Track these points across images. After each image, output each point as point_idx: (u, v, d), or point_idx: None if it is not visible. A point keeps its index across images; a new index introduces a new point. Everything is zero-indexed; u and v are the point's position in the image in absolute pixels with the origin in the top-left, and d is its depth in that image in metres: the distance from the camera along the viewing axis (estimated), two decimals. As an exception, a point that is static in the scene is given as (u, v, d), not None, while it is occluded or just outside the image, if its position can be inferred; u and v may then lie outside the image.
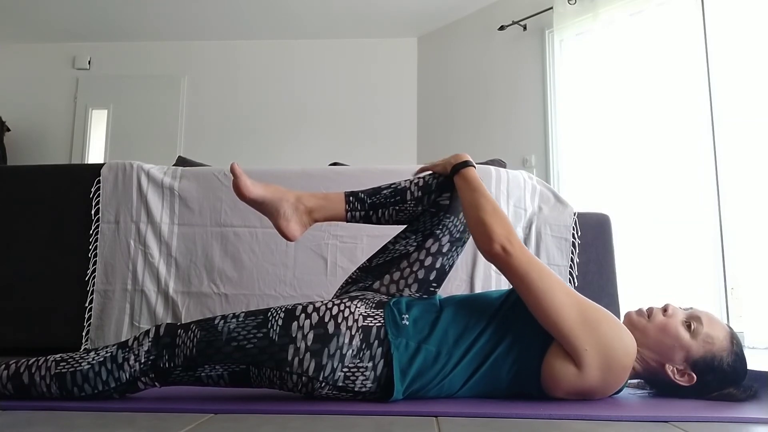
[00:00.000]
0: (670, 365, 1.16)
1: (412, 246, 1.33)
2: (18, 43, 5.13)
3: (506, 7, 4.33)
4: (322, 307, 1.14)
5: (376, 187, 1.38)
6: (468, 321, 1.16)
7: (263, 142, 4.94)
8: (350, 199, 1.34)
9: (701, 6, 3.17)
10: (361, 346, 1.11)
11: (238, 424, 0.94)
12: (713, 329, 1.17)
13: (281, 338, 1.10)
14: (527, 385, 1.13)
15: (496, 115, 4.33)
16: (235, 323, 1.13)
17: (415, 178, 1.37)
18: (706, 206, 3.01)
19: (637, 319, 1.21)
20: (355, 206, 1.34)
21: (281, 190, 1.29)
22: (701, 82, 3.12)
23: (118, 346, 1.12)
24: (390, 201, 1.34)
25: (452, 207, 1.33)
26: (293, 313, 1.13)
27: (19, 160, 4.78)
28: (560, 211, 2.05)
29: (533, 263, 1.13)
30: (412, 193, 1.35)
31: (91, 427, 0.91)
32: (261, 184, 1.27)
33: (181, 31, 4.99)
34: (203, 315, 1.96)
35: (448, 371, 1.12)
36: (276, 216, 1.27)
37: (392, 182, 1.40)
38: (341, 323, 1.12)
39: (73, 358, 1.11)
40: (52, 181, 2.07)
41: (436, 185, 1.34)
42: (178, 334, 1.12)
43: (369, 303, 1.19)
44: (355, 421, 0.97)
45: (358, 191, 1.36)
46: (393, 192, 1.36)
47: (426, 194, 1.34)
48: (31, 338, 1.96)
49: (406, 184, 1.37)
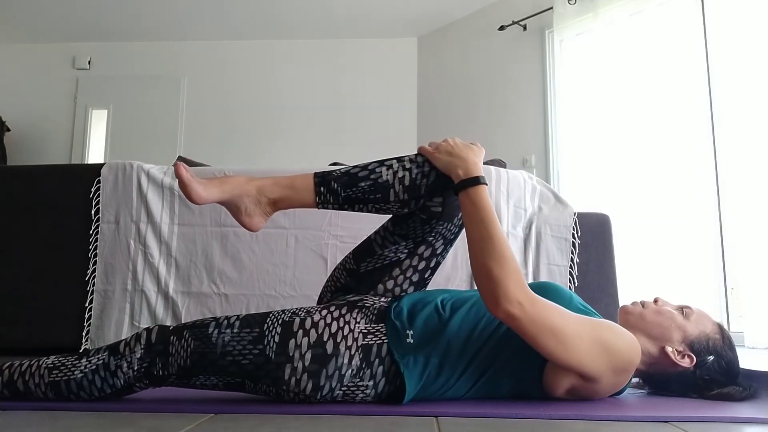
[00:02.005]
0: (669, 346, 1.18)
1: (403, 253, 1.21)
2: (18, 43, 5.13)
3: (506, 7, 4.33)
4: (321, 321, 1.09)
5: (351, 173, 1.17)
6: (471, 332, 1.13)
7: (263, 142, 4.94)
8: (321, 190, 1.16)
9: (701, 6, 3.17)
10: (361, 366, 1.08)
11: (238, 424, 0.94)
12: (702, 314, 1.25)
13: (278, 356, 1.05)
14: (529, 388, 1.13)
15: (496, 115, 4.33)
16: (230, 335, 1.07)
17: (398, 168, 1.16)
18: (706, 206, 3.01)
19: (632, 307, 1.26)
20: (327, 198, 1.16)
21: (240, 183, 1.14)
22: (701, 82, 3.12)
23: (109, 353, 1.08)
24: (369, 198, 1.16)
25: (445, 213, 1.18)
26: (290, 329, 1.08)
27: (19, 160, 4.78)
28: (560, 211, 2.05)
29: (546, 322, 1.02)
30: (397, 194, 1.15)
31: (91, 427, 0.91)
32: (215, 183, 1.12)
33: (181, 31, 4.99)
34: (203, 315, 1.96)
35: (452, 383, 1.12)
36: (237, 213, 1.16)
37: (371, 167, 1.18)
38: (340, 343, 1.07)
39: (65, 366, 1.08)
40: (52, 181, 2.07)
41: (426, 187, 1.15)
42: (171, 341, 1.08)
43: (369, 315, 1.13)
44: (355, 422, 0.97)
45: (330, 178, 1.16)
46: (373, 187, 1.16)
47: (413, 198, 1.16)
48: (31, 338, 1.96)
49: (389, 176, 1.16)
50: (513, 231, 2.02)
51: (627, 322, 1.23)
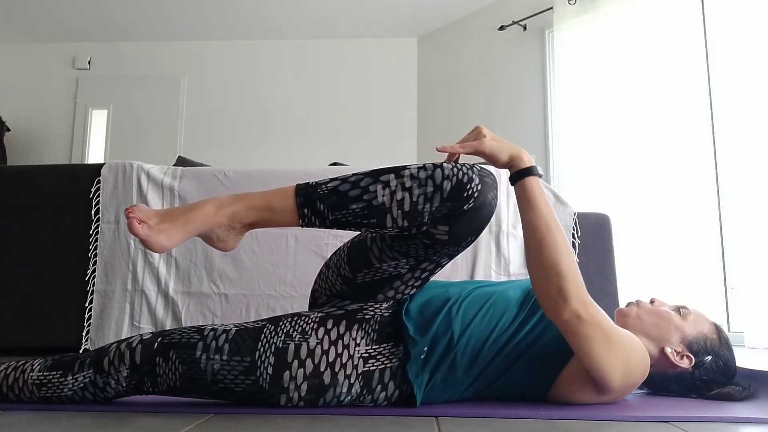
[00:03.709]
0: (669, 347, 1.18)
1: (404, 269, 1.07)
2: (18, 43, 5.13)
3: (506, 7, 4.33)
4: (317, 348, 1.02)
5: (340, 192, 1.00)
6: (483, 346, 1.09)
7: (263, 142, 4.94)
8: (304, 212, 1.02)
9: (701, 6, 3.17)
10: (362, 392, 1.05)
11: (238, 424, 0.94)
12: (699, 315, 1.23)
13: (272, 387, 1.01)
14: (534, 396, 1.13)
15: (496, 115, 4.33)
16: (219, 363, 1.01)
17: (397, 187, 0.98)
18: (706, 206, 3.01)
19: (629, 308, 1.25)
20: (312, 221, 1.02)
21: (208, 216, 1.01)
22: (701, 82, 3.11)
23: (94, 370, 1.04)
24: (362, 222, 1.01)
25: (452, 241, 1.01)
26: (284, 358, 1.01)
27: (19, 160, 4.77)
28: (560, 211, 2.05)
29: (605, 326, 0.99)
30: (395, 220, 0.99)
31: (91, 426, 0.91)
32: (179, 225, 1.00)
33: (181, 31, 4.98)
34: (203, 315, 1.96)
35: (458, 393, 1.11)
36: (209, 241, 1.06)
37: (364, 185, 1.00)
38: (338, 372, 1.02)
39: (52, 383, 1.05)
40: (52, 181, 2.07)
41: (428, 214, 0.98)
42: (157, 362, 1.02)
43: (370, 333, 1.06)
44: (355, 421, 0.97)
45: (315, 197, 1.01)
46: (366, 210, 0.99)
47: (414, 225, 0.99)
48: (31, 338, 1.96)
49: (385, 198, 0.98)
50: (513, 231, 2.02)
51: (625, 324, 1.22)
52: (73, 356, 1.08)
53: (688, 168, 3.12)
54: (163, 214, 1.02)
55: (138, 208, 1.00)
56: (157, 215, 1.01)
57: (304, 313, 1.09)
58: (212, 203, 1.03)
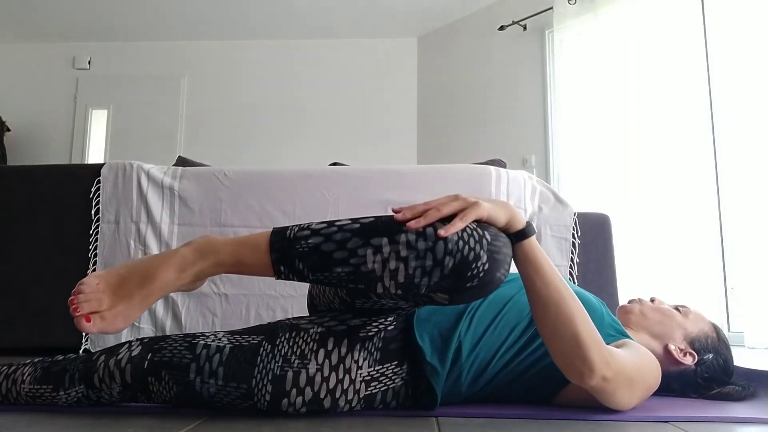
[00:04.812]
0: (672, 344, 1.18)
1: (403, 306, 0.98)
2: (18, 43, 5.13)
3: (506, 7, 4.33)
4: (317, 376, 0.96)
5: (323, 252, 0.88)
6: (490, 362, 1.07)
7: (263, 142, 4.94)
8: (281, 269, 0.91)
9: (701, 6, 3.17)
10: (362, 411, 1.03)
11: (238, 424, 0.94)
12: (699, 314, 1.26)
13: (271, 410, 0.99)
14: (538, 401, 1.12)
15: (496, 115, 4.33)
16: (215, 388, 0.96)
17: (390, 255, 0.86)
18: (706, 206, 3.01)
19: (631, 305, 1.26)
20: (290, 277, 0.92)
21: (170, 282, 0.92)
22: (701, 82, 3.11)
23: (86, 386, 1.00)
24: (347, 286, 0.90)
25: (454, 303, 0.90)
26: (282, 387, 0.96)
27: (19, 160, 4.77)
28: (560, 211, 2.05)
29: (626, 374, 0.97)
30: (386, 288, 0.88)
31: (91, 427, 0.91)
32: (137, 302, 0.91)
33: (181, 31, 4.98)
34: (203, 315, 1.96)
35: (458, 401, 1.10)
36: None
37: (351, 246, 0.87)
38: (339, 398, 0.98)
39: (45, 396, 1.03)
40: (52, 181, 2.07)
41: (426, 287, 0.86)
42: (150, 381, 0.98)
43: (373, 352, 1.00)
44: (355, 421, 0.97)
45: (293, 255, 0.89)
46: (353, 276, 0.88)
47: (409, 295, 0.89)
48: (31, 338, 1.96)
49: (376, 266, 0.86)
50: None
51: (627, 320, 1.23)
52: (62, 366, 1.03)
53: (688, 168, 3.12)
54: (115, 286, 0.91)
55: (84, 293, 0.89)
56: (108, 292, 0.91)
57: (303, 327, 1.01)
58: (173, 265, 0.93)
